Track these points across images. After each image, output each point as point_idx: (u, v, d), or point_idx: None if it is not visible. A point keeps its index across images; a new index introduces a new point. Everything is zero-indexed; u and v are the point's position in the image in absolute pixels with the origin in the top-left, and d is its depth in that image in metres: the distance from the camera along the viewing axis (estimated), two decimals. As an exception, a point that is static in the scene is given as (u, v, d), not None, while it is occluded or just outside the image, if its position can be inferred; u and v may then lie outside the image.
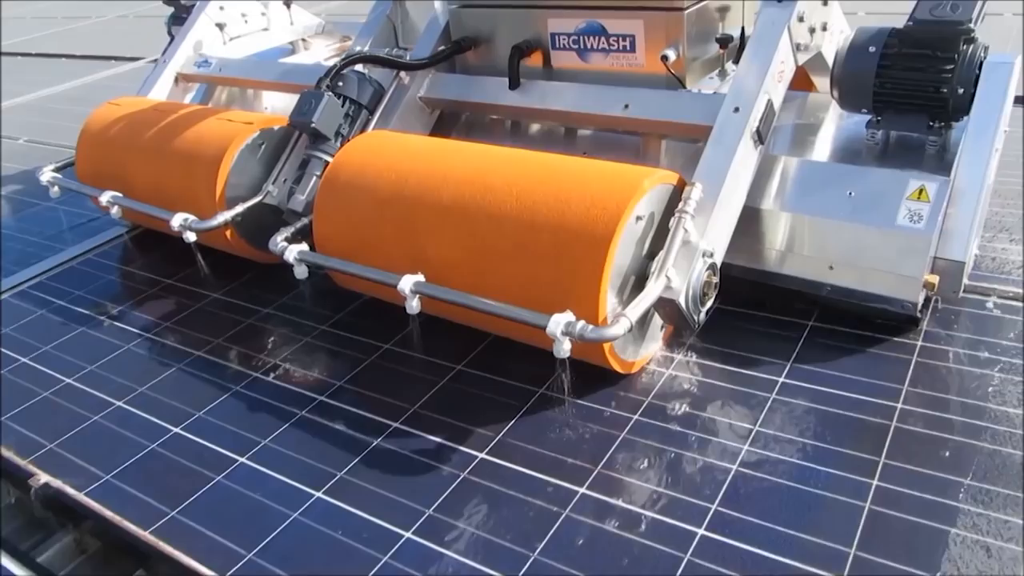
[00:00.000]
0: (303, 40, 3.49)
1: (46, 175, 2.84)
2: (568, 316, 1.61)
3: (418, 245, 1.93)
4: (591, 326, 1.59)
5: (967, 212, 1.83)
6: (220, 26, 3.22)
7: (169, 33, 3.46)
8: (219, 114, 2.60)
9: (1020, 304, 1.94)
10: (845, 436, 1.63)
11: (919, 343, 1.85)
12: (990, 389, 1.69)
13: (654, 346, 1.94)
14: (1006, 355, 1.78)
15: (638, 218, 1.73)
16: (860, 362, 1.82)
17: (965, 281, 1.88)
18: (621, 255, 1.69)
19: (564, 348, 1.62)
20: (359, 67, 2.44)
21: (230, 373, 2.12)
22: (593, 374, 1.87)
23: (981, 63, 1.85)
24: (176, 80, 3.14)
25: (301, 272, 2.09)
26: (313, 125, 2.27)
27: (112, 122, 2.77)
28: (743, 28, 2.21)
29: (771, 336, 1.96)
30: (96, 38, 7.66)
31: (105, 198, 2.57)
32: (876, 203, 1.85)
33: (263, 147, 2.48)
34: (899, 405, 1.68)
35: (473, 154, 2.00)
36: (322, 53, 3.47)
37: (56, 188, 2.84)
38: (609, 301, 1.69)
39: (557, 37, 2.27)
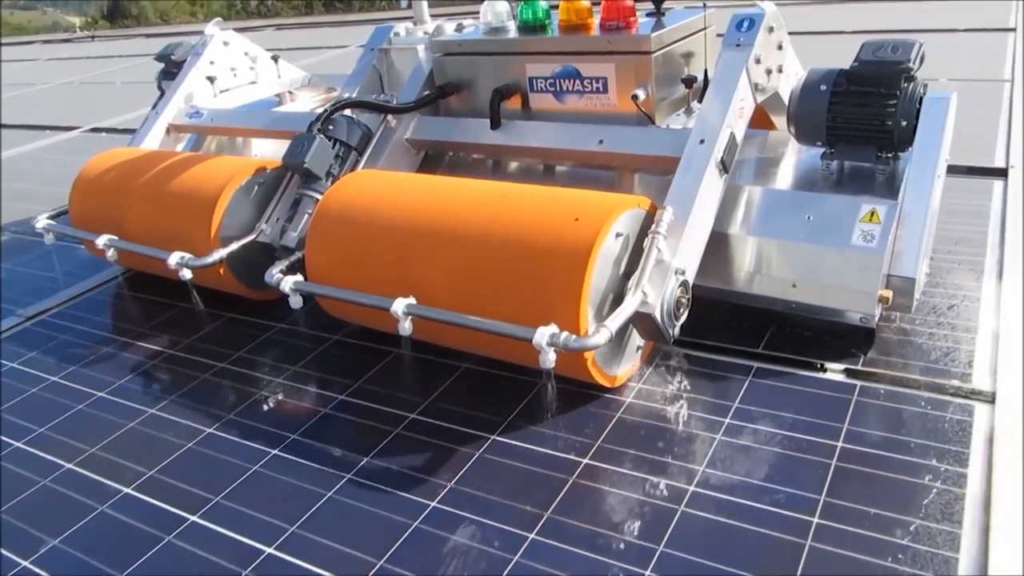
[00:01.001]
0: (289, 92, 3.65)
1: (41, 222, 2.94)
2: (552, 328, 1.73)
3: (408, 271, 2.04)
4: (574, 336, 1.71)
5: (915, 232, 1.99)
6: (211, 79, 3.37)
7: (159, 87, 3.60)
8: (212, 159, 2.73)
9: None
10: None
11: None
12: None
13: (633, 362, 2.06)
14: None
15: (616, 235, 1.87)
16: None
17: (917, 296, 2.03)
18: (599, 272, 1.83)
19: (549, 359, 1.73)
20: (348, 112, 2.59)
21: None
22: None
23: (921, 99, 2.04)
24: (168, 131, 3.27)
25: (296, 302, 2.20)
26: (306, 165, 2.41)
27: (106, 170, 2.88)
28: (706, 70, 2.39)
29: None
30: (35, 107, 7.47)
31: (101, 241, 2.66)
32: (832, 226, 2.01)
33: (256, 189, 2.60)
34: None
35: (458, 185, 2.14)
36: (308, 104, 3.62)
37: (51, 235, 2.93)
38: (589, 313, 1.81)
39: (535, 81, 2.44)
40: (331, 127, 2.52)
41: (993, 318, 2.11)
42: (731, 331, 2.15)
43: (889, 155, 2.12)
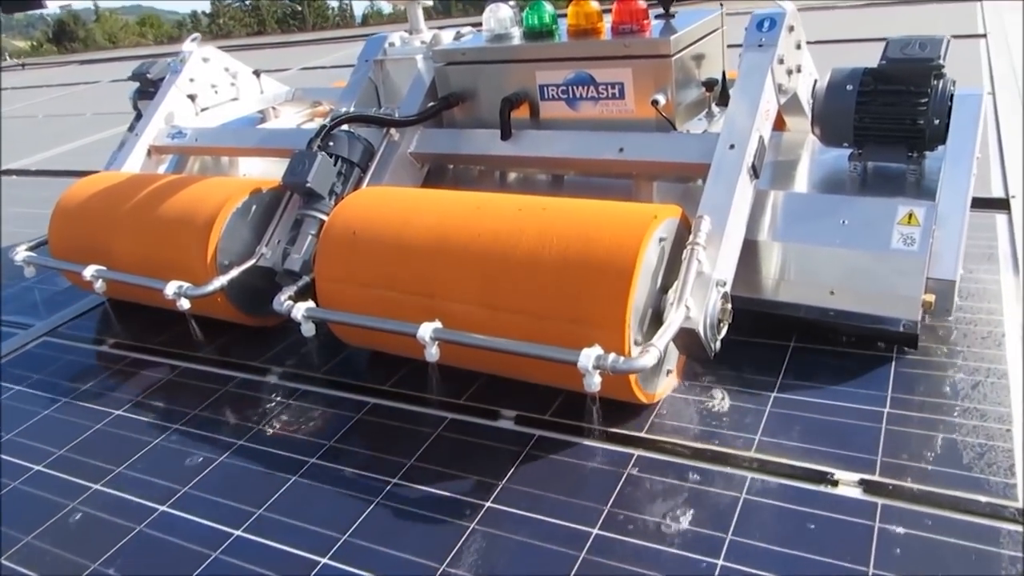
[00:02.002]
0: (273, 108, 3.51)
1: (20, 255, 2.77)
2: (597, 350, 1.64)
3: (430, 293, 1.94)
4: (622, 358, 1.62)
5: (953, 233, 1.93)
6: (191, 97, 3.23)
7: (135, 107, 3.45)
8: (204, 181, 2.59)
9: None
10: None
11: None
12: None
13: (669, 379, 1.98)
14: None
15: (655, 248, 1.78)
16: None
17: (956, 301, 1.98)
18: (640, 288, 1.74)
19: (595, 382, 1.64)
20: (347, 127, 2.48)
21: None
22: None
23: (952, 95, 1.99)
24: (149, 153, 3.12)
25: (308, 330, 2.08)
26: (308, 185, 2.29)
27: (88, 197, 2.73)
28: (724, 71, 2.33)
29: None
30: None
31: (88, 272, 2.50)
32: (870, 229, 1.94)
33: (253, 210, 2.47)
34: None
35: (477, 200, 2.04)
36: (293, 120, 3.49)
37: (31, 268, 2.76)
38: (632, 333, 1.72)
39: (546, 88, 2.35)
40: (332, 143, 2.41)
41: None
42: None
43: (919, 155, 2.06)
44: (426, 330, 1.84)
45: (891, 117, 2.03)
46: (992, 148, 3.19)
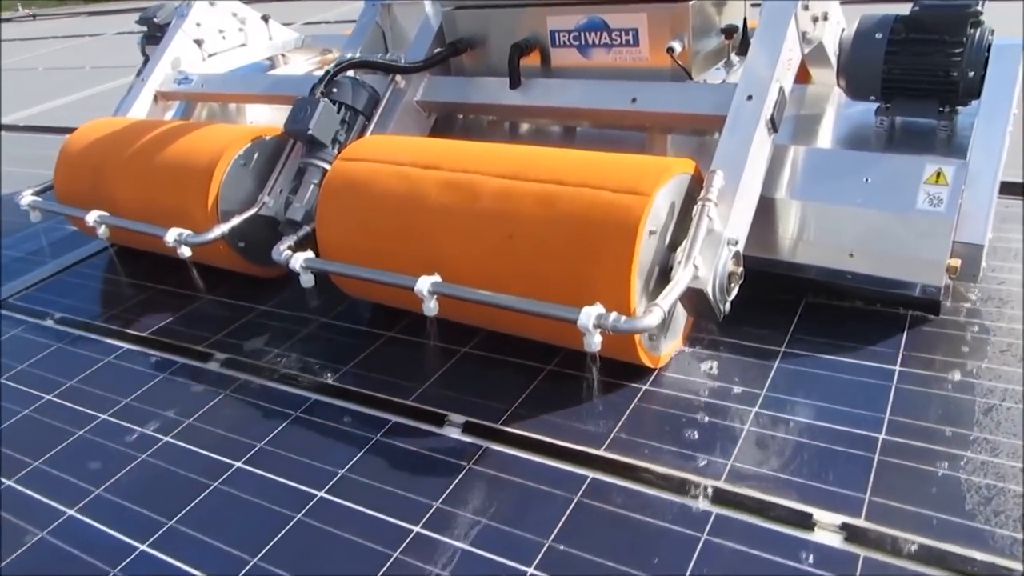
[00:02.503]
0: (282, 55, 3.42)
1: (26, 199, 2.74)
2: (599, 308, 1.57)
3: (431, 245, 1.87)
4: (624, 317, 1.55)
5: (984, 195, 1.82)
6: (198, 42, 3.15)
7: (143, 53, 3.37)
8: (207, 127, 2.53)
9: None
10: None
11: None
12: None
13: (676, 341, 1.90)
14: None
15: (664, 204, 1.70)
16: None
17: (983, 265, 1.87)
18: (647, 245, 1.66)
19: (595, 341, 1.57)
20: (352, 73, 2.39)
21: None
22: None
23: (989, 46, 1.86)
24: (155, 99, 3.05)
25: (307, 280, 2.02)
26: (310, 132, 2.21)
27: (92, 143, 2.68)
28: (745, 19, 2.20)
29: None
30: None
31: (92, 218, 2.47)
32: (894, 188, 1.84)
33: (255, 158, 2.41)
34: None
35: (483, 150, 1.95)
36: (302, 67, 3.40)
37: (37, 212, 2.73)
38: (637, 288, 1.64)
39: (557, 34, 2.24)
40: (335, 90, 2.32)
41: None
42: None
43: (951, 110, 1.94)
44: (424, 283, 1.77)
45: (922, 68, 1.90)
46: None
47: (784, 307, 1.99)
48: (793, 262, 1.98)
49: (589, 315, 1.55)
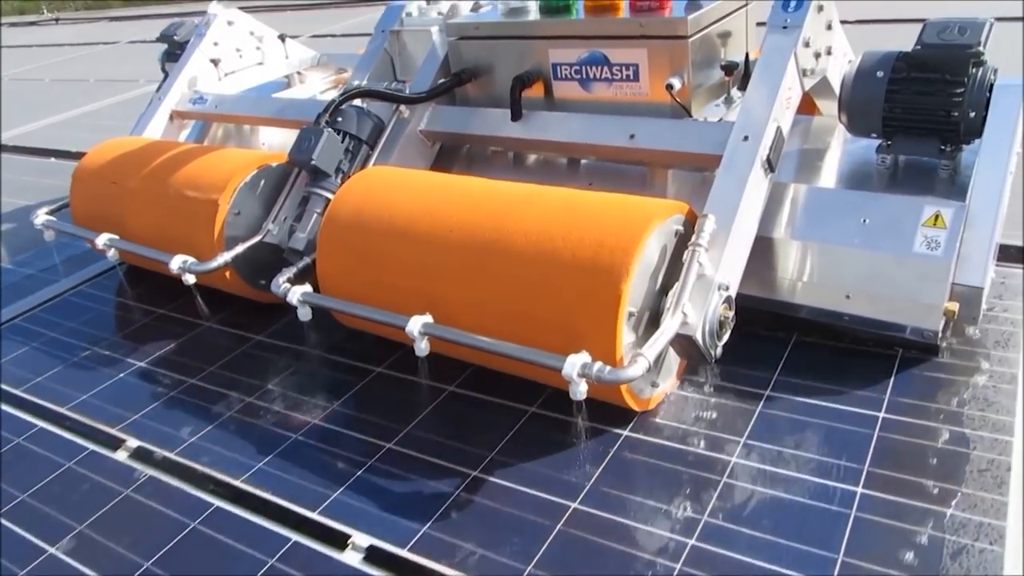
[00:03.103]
0: (298, 73, 3.46)
1: (40, 218, 2.80)
2: (584, 357, 1.57)
3: (426, 283, 1.88)
4: (608, 367, 1.55)
5: (984, 236, 1.79)
6: (215, 61, 3.19)
7: (163, 70, 3.42)
8: (216, 151, 2.57)
9: None
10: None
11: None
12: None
13: (669, 381, 1.90)
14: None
15: (654, 248, 1.69)
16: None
17: (983, 308, 1.84)
18: (635, 291, 1.66)
19: (580, 390, 1.58)
20: (357, 102, 2.41)
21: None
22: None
23: (991, 86, 1.83)
24: (171, 117, 3.11)
25: (305, 314, 2.05)
26: (313, 162, 2.24)
27: (107, 163, 2.73)
28: (747, 54, 2.18)
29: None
30: None
31: (101, 241, 2.52)
32: (891, 230, 1.81)
33: (262, 184, 2.44)
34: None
35: (480, 189, 1.96)
36: (318, 86, 3.44)
37: (51, 232, 2.80)
38: (624, 338, 1.64)
39: (559, 67, 2.24)
40: (340, 119, 2.35)
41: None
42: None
43: (952, 148, 1.91)
44: (415, 324, 1.79)
45: (923, 108, 1.87)
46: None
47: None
48: (789, 302, 1.97)
49: (574, 364, 1.56)
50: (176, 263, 2.29)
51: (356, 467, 1.80)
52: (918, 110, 1.88)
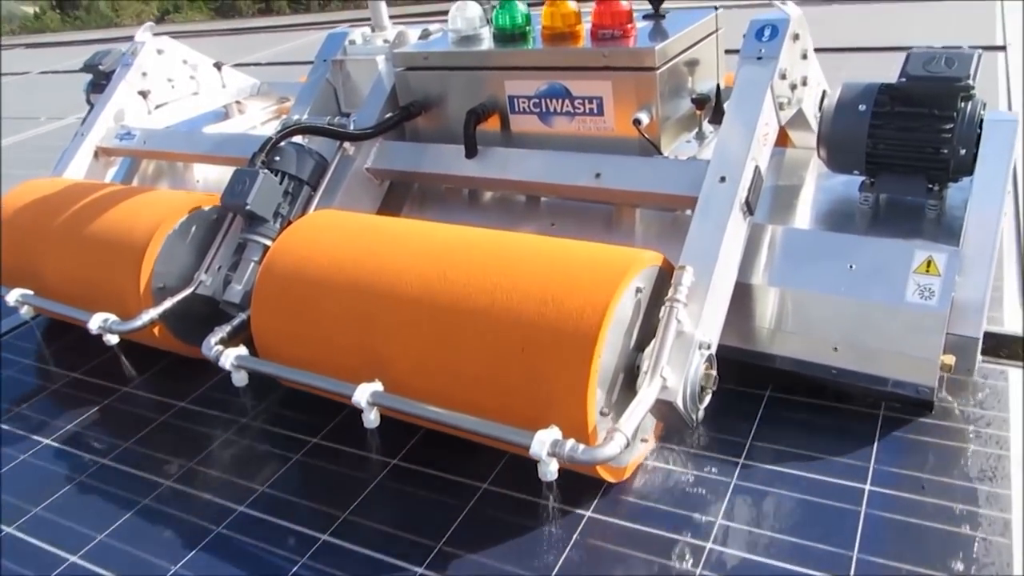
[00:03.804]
0: (237, 103, 3.24)
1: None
2: (554, 433, 1.40)
3: (374, 345, 1.69)
4: (581, 447, 1.38)
5: (979, 283, 1.66)
6: (143, 93, 2.96)
7: (88, 102, 3.18)
8: (142, 194, 2.34)
9: None
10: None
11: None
12: None
13: (645, 446, 1.73)
14: None
15: (627, 304, 1.53)
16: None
17: (979, 357, 1.71)
18: (608, 353, 1.48)
19: (551, 471, 1.40)
20: (298, 139, 2.21)
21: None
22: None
23: (981, 120, 1.71)
24: (96, 155, 2.86)
25: (240, 379, 1.84)
26: (248, 207, 2.04)
27: (22, 208, 2.49)
28: (718, 85, 2.04)
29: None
30: None
31: (13, 297, 2.28)
32: (881, 277, 1.68)
33: (193, 231, 2.22)
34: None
35: (433, 238, 1.78)
36: (258, 116, 3.22)
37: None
38: (597, 403, 1.47)
39: (516, 100, 2.07)
40: (277, 158, 2.15)
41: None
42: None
43: (940, 187, 1.78)
44: (363, 393, 1.60)
45: (910, 144, 1.74)
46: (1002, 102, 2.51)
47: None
48: (768, 352, 1.82)
49: (543, 443, 1.38)
50: (96, 322, 2.06)
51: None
52: (904, 146, 1.75)
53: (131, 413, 2.14)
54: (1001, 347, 1.85)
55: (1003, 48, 3.84)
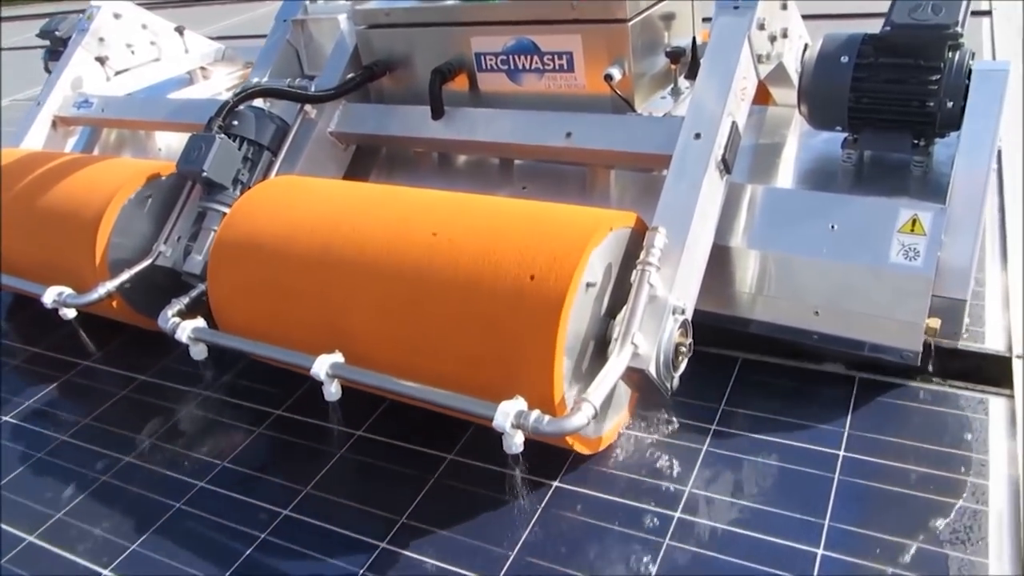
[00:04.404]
0: (201, 68, 3.12)
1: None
2: (519, 404, 1.32)
3: (335, 315, 1.61)
4: (547, 417, 1.30)
5: (967, 243, 1.59)
6: (101, 60, 2.84)
7: (47, 69, 3.06)
8: (100, 163, 2.24)
9: None
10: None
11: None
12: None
13: (620, 416, 1.66)
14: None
15: (597, 269, 1.45)
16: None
17: (966, 321, 1.64)
18: (576, 320, 1.41)
19: (516, 443, 1.33)
20: (257, 102, 2.11)
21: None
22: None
23: (970, 71, 1.62)
24: (54, 124, 2.75)
25: (198, 352, 1.76)
26: (205, 173, 1.94)
27: (-26, 179, 2.38)
28: (694, 38, 1.95)
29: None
30: None
31: (-35, 272, 2.19)
32: (863, 238, 1.60)
33: (150, 200, 2.12)
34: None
35: (396, 203, 1.69)
36: (223, 82, 3.11)
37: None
38: (565, 373, 1.39)
39: (483, 57, 1.98)
40: (236, 123, 2.05)
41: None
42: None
43: (927, 143, 1.70)
44: (322, 365, 1.52)
45: (894, 97, 1.66)
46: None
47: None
48: (747, 317, 1.74)
49: (507, 414, 1.31)
50: (50, 296, 1.97)
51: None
52: (888, 100, 1.66)
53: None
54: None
55: (988, 13, 3.73)
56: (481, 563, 1.39)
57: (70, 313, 1.99)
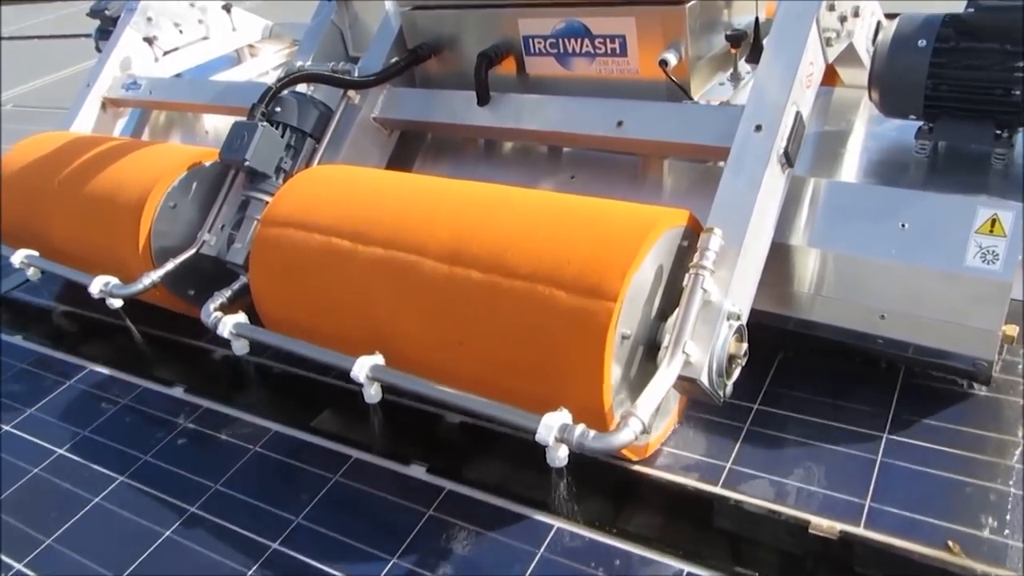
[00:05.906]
0: (249, 47, 3.10)
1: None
2: (563, 417, 1.26)
3: (375, 315, 1.57)
4: (592, 433, 1.24)
5: (1050, 244, 1.46)
6: (149, 40, 2.82)
7: (97, 49, 3.06)
8: (145, 149, 2.23)
9: None
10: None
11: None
12: None
13: (668, 420, 1.59)
14: None
15: (649, 271, 1.37)
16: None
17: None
18: (625, 326, 1.34)
19: (559, 456, 1.28)
20: (300, 87, 2.06)
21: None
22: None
23: (1061, 56, 1.49)
24: (104, 106, 2.75)
25: (240, 347, 1.75)
26: (247, 163, 1.91)
27: (28, 165, 2.40)
28: (756, 19, 1.83)
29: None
30: None
31: (18, 259, 2.21)
32: (937, 238, 1.49)
33: (195, 187, 2.11)
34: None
35: (439, 197, 1.63)
36: (271, 60, 3.08)
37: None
38: (614, 381, 1.33)
39: (531, 41, 1.89)
40: (278, 109, 2.01)
41: None
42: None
43: (1010, 134, 1.57)
44: (362, 368, 1.48)
45: (976, 84, 1.54)
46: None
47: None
48: (806, 319, 1.65)
49: (550, 428, 1.25)
50: (96, 286, 1.98)
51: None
52: (969, 87, 1.54)
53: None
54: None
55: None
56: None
57: (117, 303, 1.99)
